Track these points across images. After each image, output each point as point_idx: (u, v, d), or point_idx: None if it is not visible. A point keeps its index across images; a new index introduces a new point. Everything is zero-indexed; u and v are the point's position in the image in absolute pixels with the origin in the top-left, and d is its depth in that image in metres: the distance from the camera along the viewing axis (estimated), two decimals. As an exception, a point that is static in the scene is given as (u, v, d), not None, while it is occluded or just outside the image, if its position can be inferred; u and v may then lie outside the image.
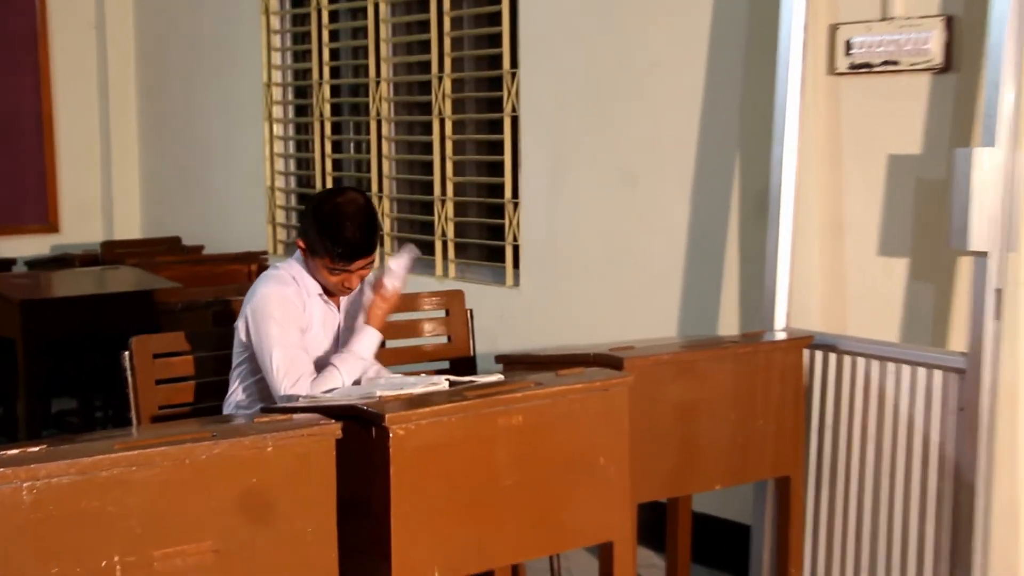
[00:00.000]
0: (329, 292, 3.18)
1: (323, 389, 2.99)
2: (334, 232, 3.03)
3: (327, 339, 3.22)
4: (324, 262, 3.06)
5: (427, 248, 5.59)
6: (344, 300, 3.26)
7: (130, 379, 3.21)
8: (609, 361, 3.14)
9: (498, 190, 5.21)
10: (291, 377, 3.00)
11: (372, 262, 3.14)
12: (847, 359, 3.59)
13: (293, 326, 3.06)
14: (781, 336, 3.68)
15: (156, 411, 3.24)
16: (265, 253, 6.18)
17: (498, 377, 2.91)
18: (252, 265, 5.68)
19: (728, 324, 4.21)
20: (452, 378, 2.86)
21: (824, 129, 3.85)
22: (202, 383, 3.38)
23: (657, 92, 4.43)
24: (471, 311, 3.90)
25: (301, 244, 3.11)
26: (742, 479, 3.58)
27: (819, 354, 3.66)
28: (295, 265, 3.16)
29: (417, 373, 3.28)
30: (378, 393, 2.62)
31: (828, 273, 3.89)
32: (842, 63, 3.75)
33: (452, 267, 5.44)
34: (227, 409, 3.25)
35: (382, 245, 5.81)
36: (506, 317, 5.04)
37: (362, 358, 3.11)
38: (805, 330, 3.74)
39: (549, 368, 3.05)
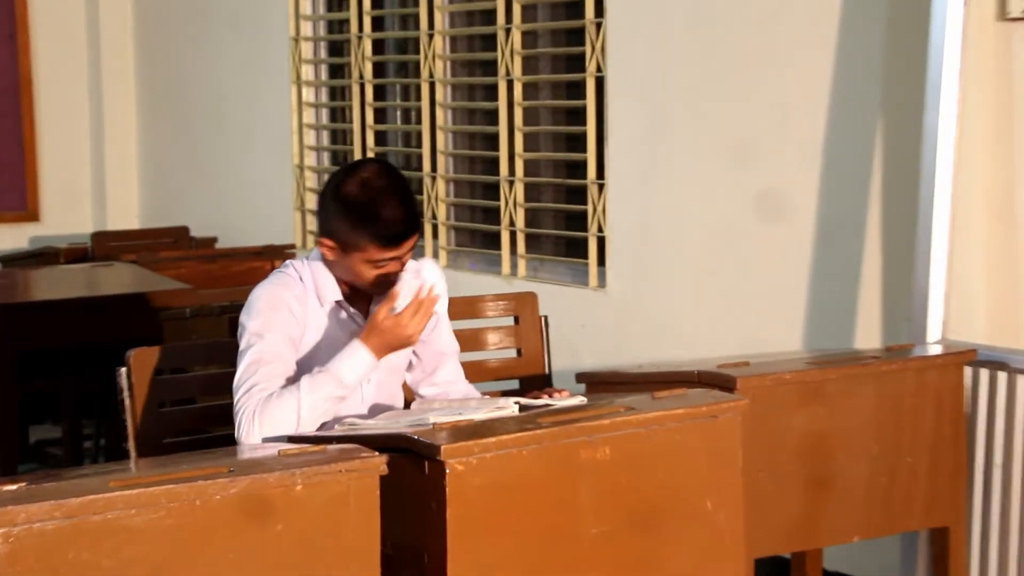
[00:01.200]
0: (355, 299, 3.18)
1: (272, 412, 2.94)
2: (372, 214, 3.04)
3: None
4: (366, 255, 3.07)
5: (492, 241, 5.60)
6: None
7: (127, 401, 3.24)
8: (718, 380, 3.14)
9: (579, 169, 5.21)
10: (245, 386, 3.00)
11: (417, 241, 3.14)
12: (1021, 379, 3.55)
13: (278, 332, 3.07)
14: (936, 350, 3.66)
15: (159, 441, 3.26)
16: (292, 246, 6.24)
17: (580, 400, 2.91)
18: (276, 261, 5.73)
19: (868, 335, 4.19)
20: (523, 401, 2.86)
21: (992, 90, 3.80)
22: (215, 406, 3.40)
23: (780, 45, 4.40)
24: (546, 318, 3.90)
25: (329, 243, 3.10)
26: (887, 530, 3.56)
27: (984, 373, 3.62)
28: (312, 265, 3.17)
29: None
30: (431, 419, 2.63)
31: (996, 272, 3.85)
32: (1016, 5, 3.71)
33: (522, 264, 5.45)
34: (246, 439, 3.27)
35: (435, 236, 5.83)
36: (589, 325, 5.04)
37: (340, 381, 2.99)
38: (967, 343, 3.70)
39: (643, 389, 3.05)
